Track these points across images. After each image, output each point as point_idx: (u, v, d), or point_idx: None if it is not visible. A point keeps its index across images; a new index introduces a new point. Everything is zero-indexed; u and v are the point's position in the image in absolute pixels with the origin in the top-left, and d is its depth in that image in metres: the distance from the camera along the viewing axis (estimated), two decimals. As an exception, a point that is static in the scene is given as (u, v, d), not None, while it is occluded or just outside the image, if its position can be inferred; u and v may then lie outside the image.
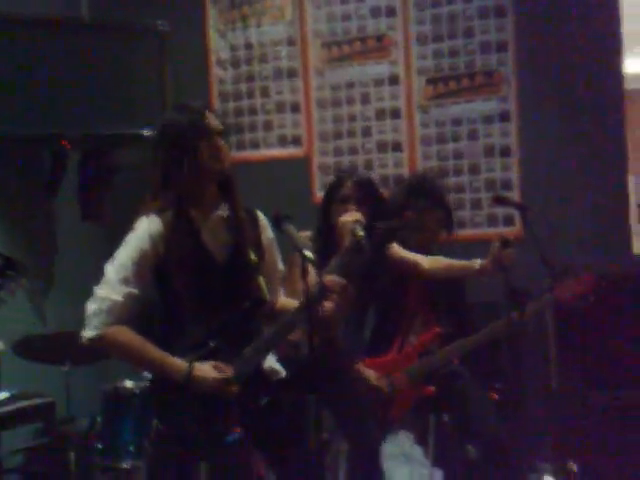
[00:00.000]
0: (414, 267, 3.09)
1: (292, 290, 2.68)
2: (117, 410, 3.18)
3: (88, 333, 2.21)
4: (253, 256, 2.33)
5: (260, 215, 2.47)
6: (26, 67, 3.62)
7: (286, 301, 2.53)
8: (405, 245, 3.17)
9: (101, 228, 4.02)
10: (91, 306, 2.21)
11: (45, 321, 3.81)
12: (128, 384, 3.22)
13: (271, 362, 2.43)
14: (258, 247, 2.39)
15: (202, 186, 2.30)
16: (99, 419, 3.22)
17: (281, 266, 2.54)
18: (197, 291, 2.26)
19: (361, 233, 2.50)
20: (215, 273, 2.30)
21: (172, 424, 2.22)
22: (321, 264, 2.36)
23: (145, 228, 2.26)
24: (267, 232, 2.46)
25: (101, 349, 2.31)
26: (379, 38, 4.19)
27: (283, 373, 2.46)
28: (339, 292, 2.33)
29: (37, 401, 3.22)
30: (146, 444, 2.33)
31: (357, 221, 2.62)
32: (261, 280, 2.35)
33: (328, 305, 2.42)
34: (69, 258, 4.02)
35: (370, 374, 3.06)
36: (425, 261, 3.11)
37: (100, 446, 3.14)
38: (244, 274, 2.34)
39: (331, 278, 2.32)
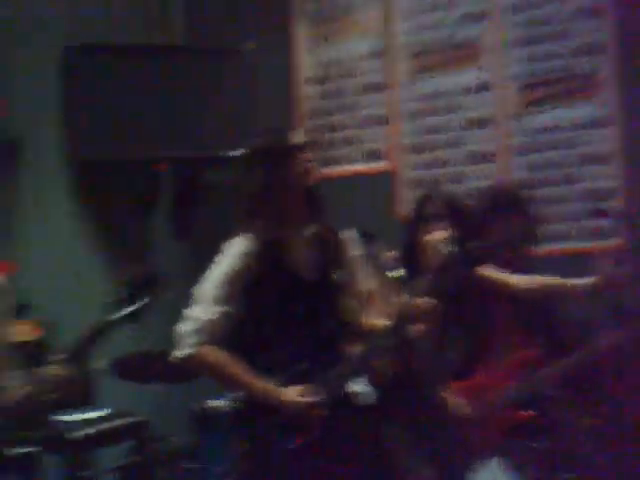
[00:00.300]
0: (506, 287, 2.99)
1: (378, 310, 2.65)
2: (207, 430, 3.24)
3: (180, 352, 2.25)
4: (339, 276, 2.32)
5: (347, 235, 2.46)
6: (125, 94, 3.77)
7: (374, 322, 2.50)
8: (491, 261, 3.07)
9: (193, 247, 4.12)
10: (184, 325, 2.25)
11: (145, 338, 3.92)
12: (218, 404, 3.27)
13: (359, 386, 2.40)
14: (344, 267, 2.38)
15: (289, 205, 2.32)
16: (191, 438, 3.28)
17: (367, 286, 2.51)
18: (284, 310, 2.27)
19: (450, 253, 2.45)
20: (302, 293, 2.30)
21: (263, 448, 2.23)
22: (406, 283, 2.32)
23: (237, 248, 2.30)
24: (353, 252, 2.44)
25: (192, 368, 2.34)
26: (469, 45, 4.08)
27: (372, 397, 2.42)
28: (430, 314, 2.27)
29: (130, 420, 3.32)
30: (236, 465, 2.34)
31: (444, 240, 2.56)
32: (347, 301, 2.33)
33: (418, 327, 2.36)
34: (164, 276, 4.13)
35: (457, 401, 2.97)
36: (518, 281, 3.00)
37: (190, 465, 3.21)
38: (330, 294, 2.33)
39: (422, 299, 2.27)
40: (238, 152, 3.68)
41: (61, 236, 3.78)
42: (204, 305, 2.24)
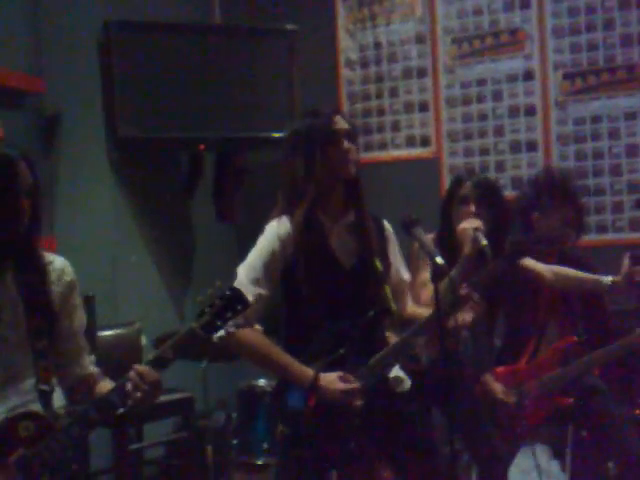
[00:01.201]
0: (538, 278, 2.99)
1: (415, 295, 2.66)
2: (251, 408, 3.25)
3: (219, 332, 2.26)
4: (379, 264, 2.33)
5: (386, 224, 2.45)
6: (161, 71, 3.75)
7: (415, 309, 2.50)
8: None
9: (234, 228, 4.13)
10: None
11: (183, 318, 3.95)
12: (262, 383, 3.29)
13: (397, 372, 2.41)
14: (384, 255, 2.38)
15: (330, 190, 2.32)
16: (234, 415, 3.30)
17: (407, 275, 2.51)
18: (322, 295, 2.27)
19: (484, 242, 2.45)
20: (341, 279, 2.30)
21: (297, 430, 2.24)
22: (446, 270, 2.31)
23: (275, 231, 2.29)
24: (393, 240, 2.44)
25: (231, 349, 2.34)
26: (513, 32, 4.08)
27: (409, 383, 2.42)
28: (473, 304, 2.28)
29: (177, 396, 3.34)
30: (277, 445, 2.35)
31: (478, 229, 2.56)
32: (387, 289, 2.33)
33: (462, 317, 2.36)
34: (204, 257, 4.15)
35: (496, 387, 2.97)
36: (549, 272, 2.98)
37: (235, 442, 3.23)
38: (370, 281, 2.33)
39: (467, 290, 2.27)
40: (281, 133, 3.73)
41: (101, 214, 3.76)
42: (241, 285, 2.21)
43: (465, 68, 4.17)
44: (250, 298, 2.16)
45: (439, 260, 2.15)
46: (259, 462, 3.17)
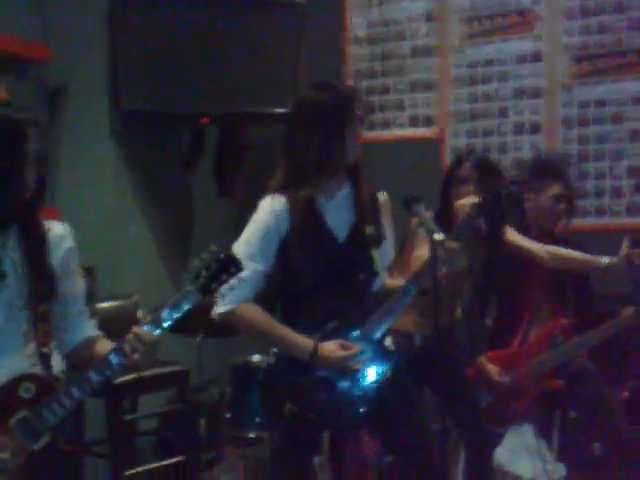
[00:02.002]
0: (531, 256, 2.99)
1: (409, 271, 2.67)
2: (245, 383, 3.28)
3: (219, 309, 2.28)
4: (371, 231, 2.34)
5: (381, 196, 2.45)
6: (167, 44, 3.72)
7: (392, 281, 2.52)
8: (527, 233, 3.08)
9: (234, 204, 4.14)
10: None
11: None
12: (256, 358, 3.31)
13: (388, 344, 2.43)
14: (377, 226, 2.38)
15: (328, 163, 2.30)
16: (228, 390, 3.33)
17: (392, 251, 2.52)
18: (317, 269, 2.28)
19: (475, 220, 2.46)
20: (335, 251, 2.32)
21: (307, 406, 2.27)
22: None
23: (269, 207, 2.29)
24: (387, 215, 2.45)
25: (230, 325, 2.36)
26: (522, 13, 4.03)
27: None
28: (457, 257, 2.28)
29: (172, 369, 3.38)
30: (275, 421, 2.37)
31: (474, 205, 2.57)
32: (375, 254, 2.35)
33: (444, 272, 2.33)
34: (204, 232, 4.16)
35: (491, 369, 3.00)
36: (543, 251, 3.00)
37: (229, 416, 3.27)
38: (362, 251, 2.34)
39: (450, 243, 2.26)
40: (284, 109, 3.71)
41: (102, 186, 3.78)
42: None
43: (474, 48, 4.13)
44: (246, 273, 2.18)
45: (438, 236, 2.17)
46: (251, 436, 3.22)
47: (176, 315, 1.96)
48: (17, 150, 1.92)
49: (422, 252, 2.72)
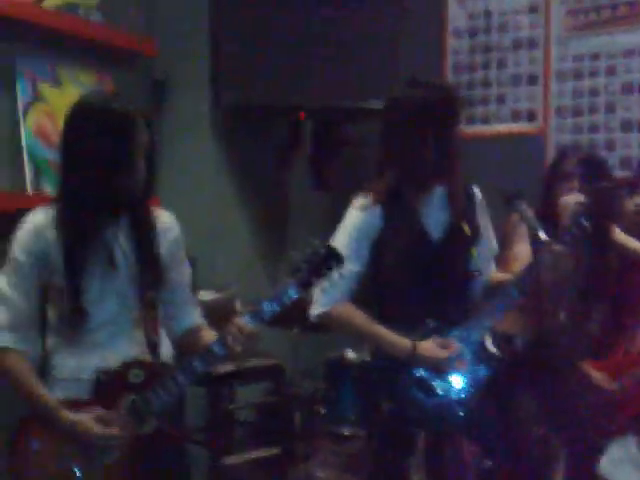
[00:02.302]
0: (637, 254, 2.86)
1: (507, 268, 2.60)
2: (339, 378, 3.29)
3: (315, 311, 2.30)
4: (467, 228, 2.29)
5: (476, 191, 2.40)
6: (267, 39, 3.74)
7: (499, 276, 2.45)
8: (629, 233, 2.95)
9: (330, 197, 4.14)
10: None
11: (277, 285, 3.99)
12: (350, 355, 3.31)
13: (489, 346, 2.37)
14: (472, 222, 2.34)
15: (426, 159, 2.26)
16: (323, 385, 3.35)
17: (495, 244, 2.46)
18: (411, 268, 2.26)
19: (582, 221, 2.37)
20: (429, 250, 2.28)
21: (404, 405, 2.24)
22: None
23: (362, 205, 2.29)
24: (482, 207, 2.39)
25: (328, 325, 2.37)
26: (631, 4, 3.85)
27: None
28: (562, 262, 2.21)
29: (268, 362, 3.41)
30: (371, 420, 2.37)
31: (580, 203, 2.48)
32: (474, 251, 2.30)
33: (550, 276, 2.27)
34: (299, 225, 4.18)
35: (596, 375, 2.90)
36: None
37: (323, 411, 3.28)
38: (458, 249, 2.30)
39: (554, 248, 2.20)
40: (378, 103, 3.68)
41: (202, 178, 3.83)
42: None
43: (579, 41, 3.99)
44: (344, 274, 2.17)
45: (542, 234, 2.11)
46: (346, 433, 3.22)
47: (276, 308, 1.99)
48: (127, 141, 1.96)
49: (521, 249, 2.66)
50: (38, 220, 2.02)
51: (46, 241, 1.99)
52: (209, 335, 2.12)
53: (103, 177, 1.94)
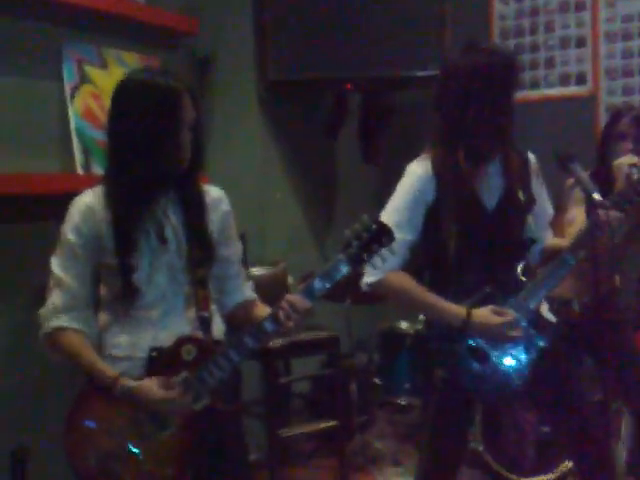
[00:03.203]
0: None
1: (561, 232, 2.55)
2: (393, 349, 3.29)
3: (367, 279, 2.26)
4: (522, 195, 2.25)
5: (531, 156, 2.35)
6: (310, 12, 3.70)
7: (555, 241, 2.41)
8: None
9: (378, 170, 4.11)
10: None
11: (326, 258, 3.99)
12: (403, 325, 3.30)
13: (546, 313, 2.34)
14: (527, 189, 2.29)
15: (481, 137, 2.21)
16: (376, 356, 3.34)
17: (550, 209, 2.41)
18: (465, 237, 2.21)
19: (637, 177, 2.32)
20: (485, 218, 2.24)
21: (459, 375, 2.23)
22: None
23: (416, 173, 2.24)
24: (537, 173, 2.35)
25: (380, 294, 2.34)
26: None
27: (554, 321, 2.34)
28: (614, 225, 2.14)
29: (323, 334, 3.40)
30: (427, 389, 2.35)
31: (634, 165, 2.41)
32: (530, 218, 2.26)
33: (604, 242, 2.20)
34: (348, 198, 4.17)
35: None
36: None
37: (378, 382, 3.28)
38: (513, 217, 2.26)
39: (606, 212, 2.14)
40: (429, 72, 3.62)
41: (249, 154, 3.82)
42: None
43: (626, 2, 3.88)
44: (397, 243, 2.12)
45: (596, 196, 2.06)
46: (402, 402, 3.22)
47: (328, 284, 1.96)
48: (173, 116, 1.94)
49: (576, 213, 2.61)
50: (88, 201, 2.02)
51: (96, 221, 2.00)
52: (262, 310, 2.11)
53: (149, 153, 1.94)
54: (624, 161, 2.48)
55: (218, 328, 2.10)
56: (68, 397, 2.02)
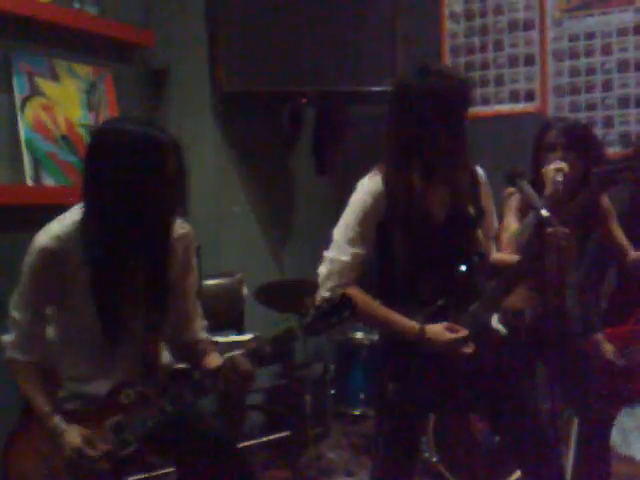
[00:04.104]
0: (622, 254, 2.87)
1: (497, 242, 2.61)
2: (348, 359, 3.30)
3: (322, 294, 2.25)
4: (471, 209, 2.29)
5: (479, 171, 2.41)
6: (268, 26, 3.74)
7: (501, 255, 2.47)
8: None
9: (333, 182, 4.14)
10: (323, 269, 2.26)
11: (283, 270, 4.01)
12: (359, 335, 3.32)
13: (496, 324, 2.38)
14: (476, 203, 2.33)
15: (434, 156, 2.24)
16: (332, 366, 3.35)
17: (495, 223, 2.47)
18: (416, 251, 2.24)
19: (559, 179, 2.42)
20: (433, 233, 2.27)
21: (411, 387, 2.25)
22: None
23: (367, 188, 2.26)
24: (485, 187, 2.39)
25: None
26: (624, -16, 3.90)
27: (504, 333, 2.39)
28: (563, 243, 2.18)
29: (277, 345, 3.38)
30: (379, 401, 2.37)
31: (560, 170, 2.49)
32: (479, 233, 2.31)
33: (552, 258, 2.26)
34: (304, 210, 4.19)
35: (607, 347, 2.90)
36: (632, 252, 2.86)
37: (333, 392, 3.28)
38: (463, 230, 2.30)
39: (554, 228, 2.17)
40: (382, 87, 3.68)
41: (205, 166, 3.82)
42: (338, 246, 2.24)
43: (574, 21, 4.01)
44: (347, 258, 2.22)
45: (544, 212, 2.11)
46: (356, 412, 3.23)
47: (277, 350, 1.97)
48: (154, 171, 1.92)
49: (508, 221, 2.69)
50: (51, 246, 1.99)
51: (65, 265, 1.99)
52: (210, 358, 2.11)
53: (130, 207, 1.93)
54: (551, 167, 2.57)
55: (165, 361, 2.13)
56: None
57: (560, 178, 2.48)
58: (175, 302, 2.11)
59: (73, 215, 2.03)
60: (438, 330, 2.18)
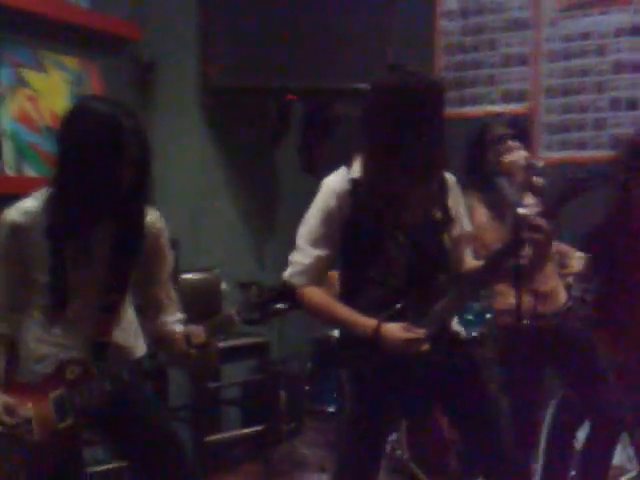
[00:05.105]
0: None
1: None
2: (324, 357, 3.31)
3: (290, 278, 2.23)
4: (438, 214, 2.27)
5: (448, 175, 2.39)
6: (255, 21, 3.73)
7: (475, 262, 2.45)
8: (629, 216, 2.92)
9: (318, 180, 4.12)
10: (286, 272, 2.25)
11: (263, 265, 4.03)
12: (336, 333, 3.31)
13: (456, 326, 2.36)
14: (444, 207, 2.30)
15: (400, 143, 2.17)
16: (308, 363, 3.37)
17: (469, 227, 2.45)
18: (381, 255, 2.21)
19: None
20: (399, 232, 2.22)
21: (361, 388, 2.24)
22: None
23: (331, 188, 2.24)
24: (454, 191, 2.36)
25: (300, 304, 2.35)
26: (622, -16, 3.86)
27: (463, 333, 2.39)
28: (543, 235, 2.17)
29: (254, 340, 3.41)
30: (342, 399, 2.37)
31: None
32: (445, 238, 2.28)
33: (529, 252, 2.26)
34: (287, 207, 4.19)
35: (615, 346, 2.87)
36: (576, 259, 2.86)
37: (308, 389, 3.30)
38: (429, 234, 2.28)
39: (534, 219, 2.15)
40: (366, 85, 3.66)
41: (190, 160, 3.84)
42: (303, 247, 2.23)
43: (569, 21, 3.98)
44: (309, 260, 2.20)
45: (522, 211, 2.10)
46: (330, 410, 3.24)
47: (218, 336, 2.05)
48: (114, 155, 1.95)
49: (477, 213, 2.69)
50: (17, 218, 2.05)
51: (25, 238, 2.04)
52: (179, 342, 2.10)
53: (86, 180, 1.97)
54: (515, 157, 2.57)
55: (139, 345, 2.17)
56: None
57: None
58: (146, 290, 2.14)
59: (46, 192, 2.09)
60: (395, 329, 2.15)
